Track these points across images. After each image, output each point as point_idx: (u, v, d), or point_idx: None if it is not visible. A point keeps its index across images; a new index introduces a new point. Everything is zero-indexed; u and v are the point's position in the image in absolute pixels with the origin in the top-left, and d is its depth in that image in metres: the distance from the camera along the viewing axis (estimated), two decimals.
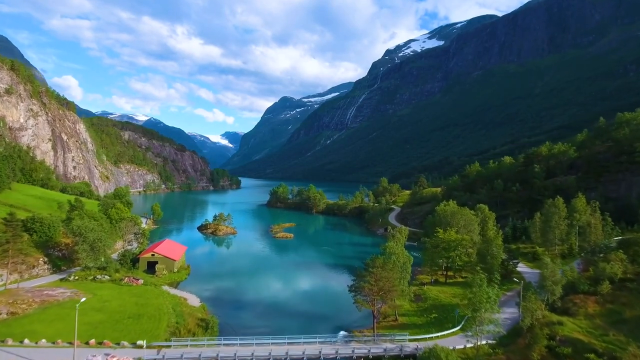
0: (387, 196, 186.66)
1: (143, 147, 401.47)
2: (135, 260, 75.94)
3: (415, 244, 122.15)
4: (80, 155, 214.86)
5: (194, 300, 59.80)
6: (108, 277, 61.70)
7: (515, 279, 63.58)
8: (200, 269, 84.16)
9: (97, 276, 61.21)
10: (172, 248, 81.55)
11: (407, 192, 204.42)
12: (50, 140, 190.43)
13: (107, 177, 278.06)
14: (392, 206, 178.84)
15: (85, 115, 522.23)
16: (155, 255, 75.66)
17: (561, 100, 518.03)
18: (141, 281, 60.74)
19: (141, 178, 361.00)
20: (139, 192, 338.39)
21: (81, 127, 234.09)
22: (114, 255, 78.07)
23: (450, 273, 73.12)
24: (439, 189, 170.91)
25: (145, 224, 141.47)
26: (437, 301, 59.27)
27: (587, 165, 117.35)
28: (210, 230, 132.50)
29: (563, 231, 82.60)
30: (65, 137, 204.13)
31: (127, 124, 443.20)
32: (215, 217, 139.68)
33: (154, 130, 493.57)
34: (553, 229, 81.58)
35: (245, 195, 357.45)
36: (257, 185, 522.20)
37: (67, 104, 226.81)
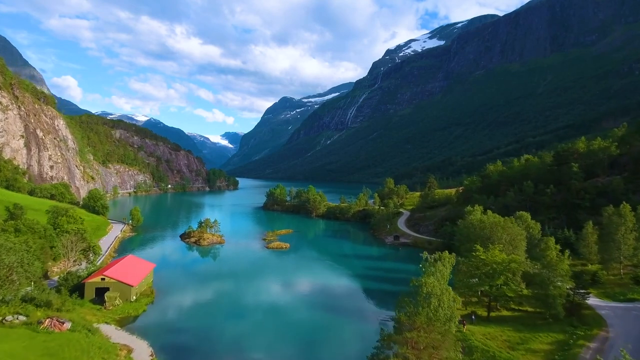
0: (395, 198, 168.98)
1: (135, 146, 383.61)
2: (80, 287, 58.34)
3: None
4: (59, 154, 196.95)
5: (142, 352, 42.16)
6: (24, 318, 44.17)
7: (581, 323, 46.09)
8: (169, 293, 66.40)
9: (8, 317, 43.60)
10: (131, 268, 63.75)
11: (416, 194, 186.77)
12: (22, 136, 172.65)
13: (93, 178, 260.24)
14: (400, 210, 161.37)
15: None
16: (106, 279, 57.99)
17: (566, 99, 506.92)
18: (67, 325, 43.15)
19: (132, 178, 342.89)
20: (129, 193, 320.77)
21: (60, 123, 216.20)
22: (52, 281, 60.46)
23: (492, 303, 55.47)
24: (453, 191, 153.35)
25: (120, 231, 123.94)
26: (489, 354, 41.57)
27: (635, 164, 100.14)
28: (193, 239, 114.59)
29: (630, 246, 65.23)
30: (40, 134, 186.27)
31: (118, 122, 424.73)
32: (200, 223, 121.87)
33: (147, 129, 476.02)
34: (618, 244, 64.26)
35: (242, 196, 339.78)
36: (255, 186, 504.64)
37: (44, 98, 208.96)
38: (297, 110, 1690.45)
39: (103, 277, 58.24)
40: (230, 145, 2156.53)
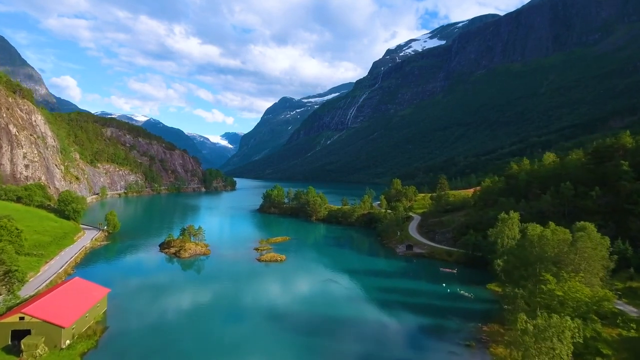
0: (404, 201, 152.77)
1: (127, 145, 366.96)
2: None
3: (455, 270, 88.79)
4: (36, 152, 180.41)
5: None
6: None
7: None
8: (123, 331, 49.85)
9: None
10: (68, 299, 47.38)
11: (426, 195, 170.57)
12: None
13: (77, 178, 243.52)
14: (410, 214, 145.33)
15: None
16: (26, 318, 41.77)
17: (569, 99, 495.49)
18: None
19: (122, 179, 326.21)
20: (119, 194, 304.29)
21: (39, 118, 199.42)
22: None
23: None
24: (470, 192, 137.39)
25: (90, 240, 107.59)
26: None
27: None
28: (173, 250, 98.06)
29: None
30: (14, 130, 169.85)
31: (111, 120, 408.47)
32: (183, 230, 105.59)
33: (141, 127, 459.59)
34: None
35: (239, 198, 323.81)
36: (254, 186, 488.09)
37: (20, 91, 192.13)
38: (297, 110, 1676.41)
39: (22, 315, 41.91)
40: (230, 146, 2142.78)
